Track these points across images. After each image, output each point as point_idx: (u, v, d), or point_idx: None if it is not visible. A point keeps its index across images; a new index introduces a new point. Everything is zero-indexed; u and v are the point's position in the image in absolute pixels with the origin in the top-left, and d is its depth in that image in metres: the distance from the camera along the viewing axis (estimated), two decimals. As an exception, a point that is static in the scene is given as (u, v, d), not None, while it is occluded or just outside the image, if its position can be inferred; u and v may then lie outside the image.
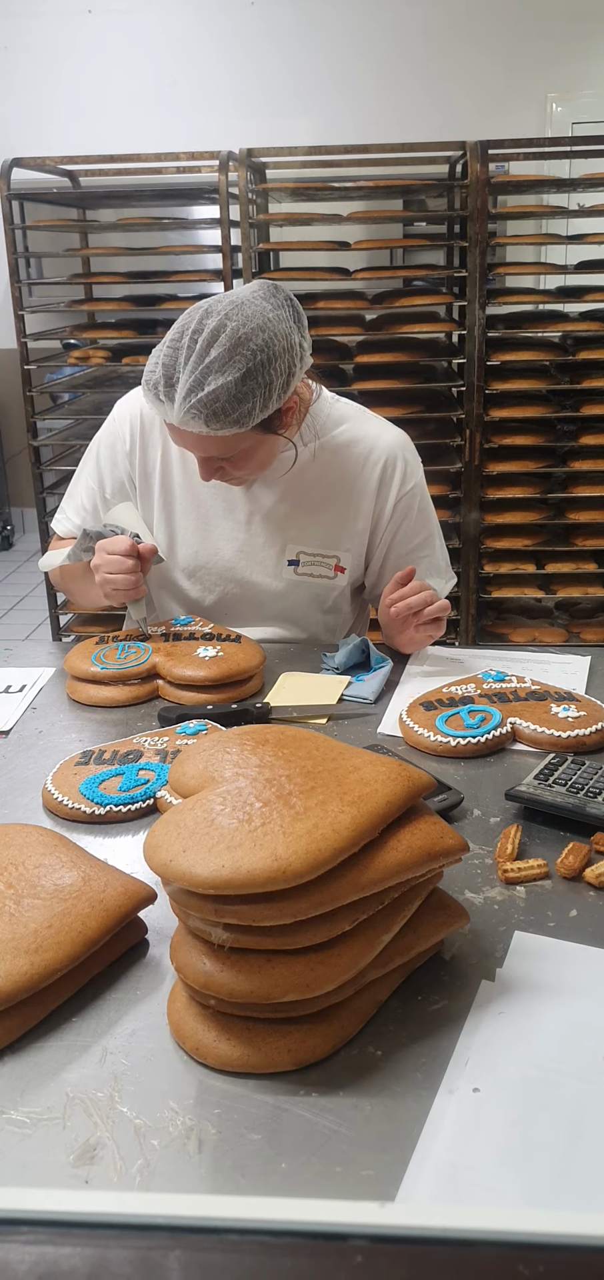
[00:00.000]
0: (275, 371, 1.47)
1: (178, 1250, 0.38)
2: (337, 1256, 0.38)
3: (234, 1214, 0.39)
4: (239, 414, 1.45)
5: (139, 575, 1.62)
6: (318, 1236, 0.38)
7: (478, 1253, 0.37)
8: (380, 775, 0.88)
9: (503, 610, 3.73)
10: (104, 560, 1.61)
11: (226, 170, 3.29)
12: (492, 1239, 0.36)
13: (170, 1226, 0.38)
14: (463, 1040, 0.83)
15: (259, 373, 1.44)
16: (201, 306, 1.48)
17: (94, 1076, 0.81)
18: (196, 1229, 0.39)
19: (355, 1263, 0.37)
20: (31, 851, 0.98)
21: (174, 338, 1.47)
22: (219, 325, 1.44)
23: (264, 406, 1.48)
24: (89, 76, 5.50)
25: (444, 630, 1.63)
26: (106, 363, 3.66)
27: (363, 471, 1.72)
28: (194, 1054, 0.83)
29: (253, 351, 1.44)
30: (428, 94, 5.30)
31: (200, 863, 0.78)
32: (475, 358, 3.37)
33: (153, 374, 1.48)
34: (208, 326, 1.44)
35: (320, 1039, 0.82)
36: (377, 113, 5.25)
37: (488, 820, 1.17)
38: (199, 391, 1.43)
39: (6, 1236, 0.39)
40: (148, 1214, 0.39)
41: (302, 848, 0.78)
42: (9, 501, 6.35)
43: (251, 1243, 0.38)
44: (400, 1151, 0.73)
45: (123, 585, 1.61)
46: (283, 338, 1.49)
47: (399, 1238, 0.37)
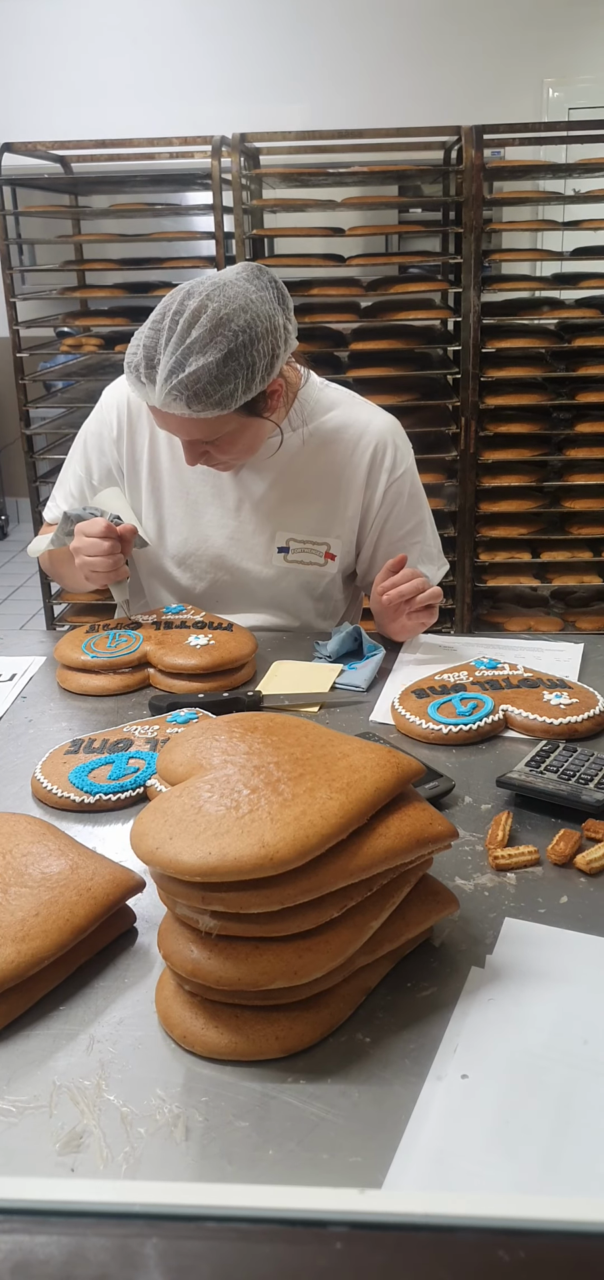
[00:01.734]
0: (258, 353, 1.46)
1: (155, 1238, 0.38)
2: (316, 1243, 0.37)
3: (211, 1201, 0.38)
4: (221, 395, 1.44)
5: (118, 556, 1.61)
6: (296, 1223, 0.38)
7: (458, 1238, 0.37)
8: (369, 762, 0.88)
9: (498, 599, 3.72)
10: (82, 543, 1.60)
11: (219, 155, 3.27)
12: (472, 1224, 0.36)
13: (147, 1214, 0.38)
14: (452, 1027, 0.83)
15: (241, 353, 1.43)
16: (183, 288, 1.47)
17: (81, 1065, 0.81)
18: (173, 1216, 0.38)
19: (335, 1249, 0.37)
20: (19, 840, 0.98)
21: (155, 319, 1.47)
22: (200, 306, 1.43)
23: (247, 388, 1.47)
24: (81, 61, 5.46)
25: (437, 618, 1.63)
26: (99, 350, 3.64)
27: (352, 457, 1.71)
28: (181, 1042, 0.82)
29: (235, 332, 1.43)
30: (423, 79, 5.28)
31: (187, 850, 0.77)
32: (471, 345, 3.35)
33: (134, 356, 1.47)
34: (189, 307, 1.43)
35: (308, 1026, 0.81)
36: (371, 97, 5.22)
37: (479, 807, 1.17)
38: (180, 373, 1.42)
39: (-19, 1226, 0.39)
40: (124, 1201, 0.38)
41: (289, 834, 0.77)
42: (3, 491, 6.33)
43: (229, 1229, 0.38)
44: (389, 1138, 0.73)
45: (101, 567, 1.60)
46: (266, 319, 1.47)
47: (379, 1224, 0.37)
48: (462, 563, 3.53)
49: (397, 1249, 0.37)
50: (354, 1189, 0.40)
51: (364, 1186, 0.67)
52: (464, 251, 3.31)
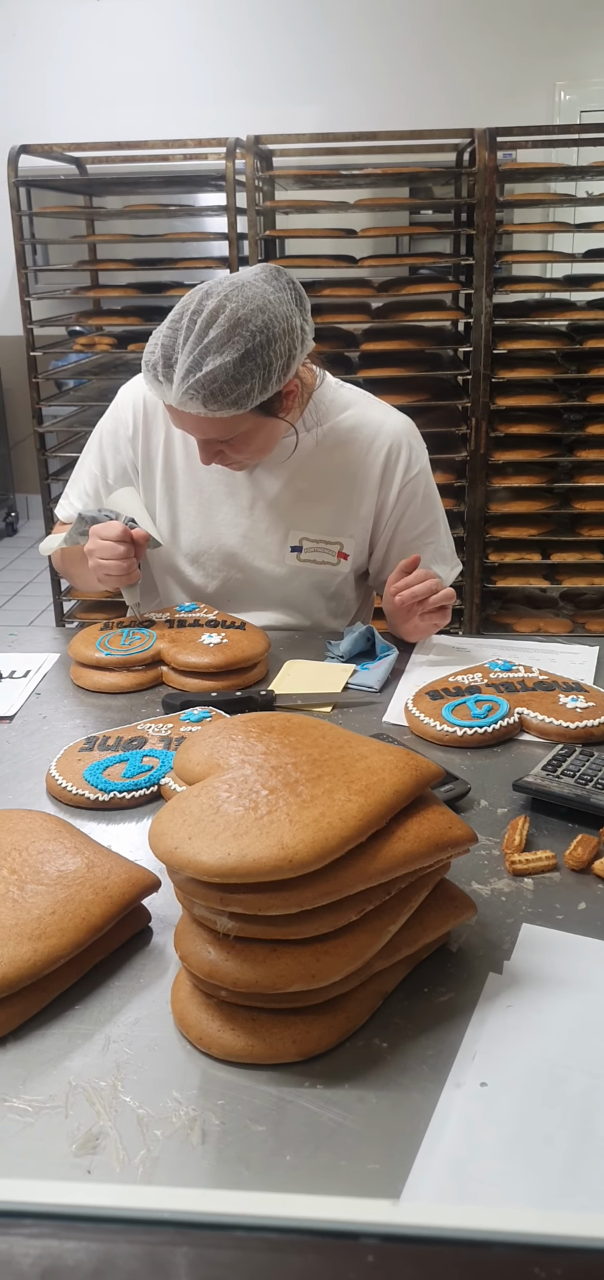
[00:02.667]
0: (275, 353, 1.45)
1: (185, 1246, 0.37)
2: (347, 1255, 0.37)
3: (242, 1210, 0.38)
4: (237, 395, 1.44)
5: (131, 561, 1.60)
6: (328, 1235, 0.37)
7: (493, 1254, 0.36)
8: (388, 764, 0.87)
9: (507, 600, 3.71)
10: (97, 545, 1.60)
11: (234, 157, 3.27)
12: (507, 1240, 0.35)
13: (177, 1222, 0.37)
14: (470, 1033, 0.82)
15: (258, 354, 1.43)
16: (202, 288, 1.47)
17: (97, 1065, 0.80)
18: (204, 1224, 0.38)
19: (366, 1262, 0.36)
20: (35, 837, 0.97)
21: (174, 319, 1.46)
22: (218, 306, 1.42)
23: (263, 388, 1.46)
24: (97, 63, 5.47)
25: (450, 618, 1.62)
26: (112, 349, 3.64)
27: (367, 457, 1.71)
28: (198, 1044, 0.82)
29: (252, 332, 1.42)
30: (436, 81, 5.27)
31: (206, 850, 0.77)
32: (482, 346, 3.35)
33: (152, 355, 1.47)
34: (207, 307, 1.43)
35: (325, 1030, 0.81)
36: (384, 100, 5.21)
37: (495, 811, 1.16)
38: (197, 372, 1.41)
39: (9, 1229, 0.38)
40: (156, 1209, 0.38)
41: (308, 836, 0.77)
42: (14, 488, 6.33)
43: (259, 1239, 0.37)
44: (407, 1146, 0.72)
45: (115, 570, 1.60)
46: (283, 320, 1.47)
47: (412, 1237, 0.36)
48: (471, 563, 3.52)
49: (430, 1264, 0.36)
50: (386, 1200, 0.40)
51: (383, 1195, 0.66)
52: (476, 253, 3.30)
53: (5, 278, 5.80)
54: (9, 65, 5.58)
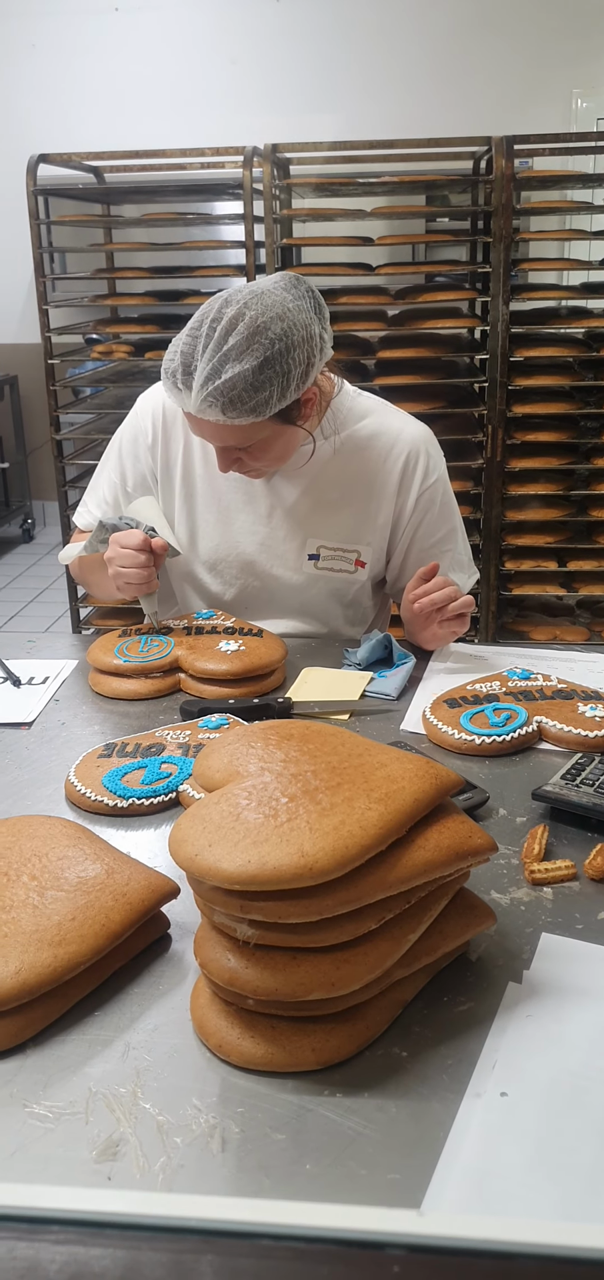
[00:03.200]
0: (293, 361, 1.46)
1: (210, 1254, 0.37)
2: (373, 1266, 0.37)
3: (267, 1219, 0.38)
4: (256, 402, 1.44)
5: (151, 569, 1.61)
6: (353, 1244, 0.37)
7: (518, 1265, 0.36)
8: (408, 772, 0.87)
9: (523, 608, 3.71)
10: (117, 553, 1.61)
11: (251, 165, 3.28)
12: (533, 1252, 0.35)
13: (203, 1230, 0.37)
14: (490, 1043, 0.82)
15: (277, 361, 1.43)
16: (221, 296, 1.47)
17: (116, 1072, 0.81)
18: (230, 1233, 0.38)
19: (392, 1272, 0.36)
20: (55, 843, 0.98)
21: (193, 326, 1.47)
22: (238, 314, 1.43)
23: (282, 396, 1.47)
24: (115, 73, 5.51)
25: (468, 626, 1.62)
26: (129, 357, 3.65)
27: (385, 465, 1.71)
28: (217, 1051, 0.82)
29: (271, 340, 1.43)
30: (452, 89, 5.28)
31: (226, 857, 0.77)
32: (499, 353, 3.34)
33: (171, 362, 1.47)
34: (226, 315, 1.43)
35: (345, 1038, 0.81)
36: (401, 108, 5.23)
37: (514, 820, 1.16)
38: (216, 379, 1.42)
39: (36, 1236, 0.38)
40: (182, 1216, 0.38)
41: (329, 844, 0.77)
42: (30, 495, 6.36)
43: (285, 1249, 0.37)
44: (427, 1155, 0.72)
45: (134, 579, 1.60)
46: (302, 328, 1.47)
47: (437, 1248, 0.36)
48: (487, 571, 3.51)
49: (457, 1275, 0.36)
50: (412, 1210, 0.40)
51: (403, 1204, 0.66)
52: (493, 260, 3.30)
53: (23, 286, 5.83)
54: (29, 76, 5.63)
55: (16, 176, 3.57)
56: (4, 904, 0.90)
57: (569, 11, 5.22)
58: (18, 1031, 0.83)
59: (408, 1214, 0.39)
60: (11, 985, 0.82)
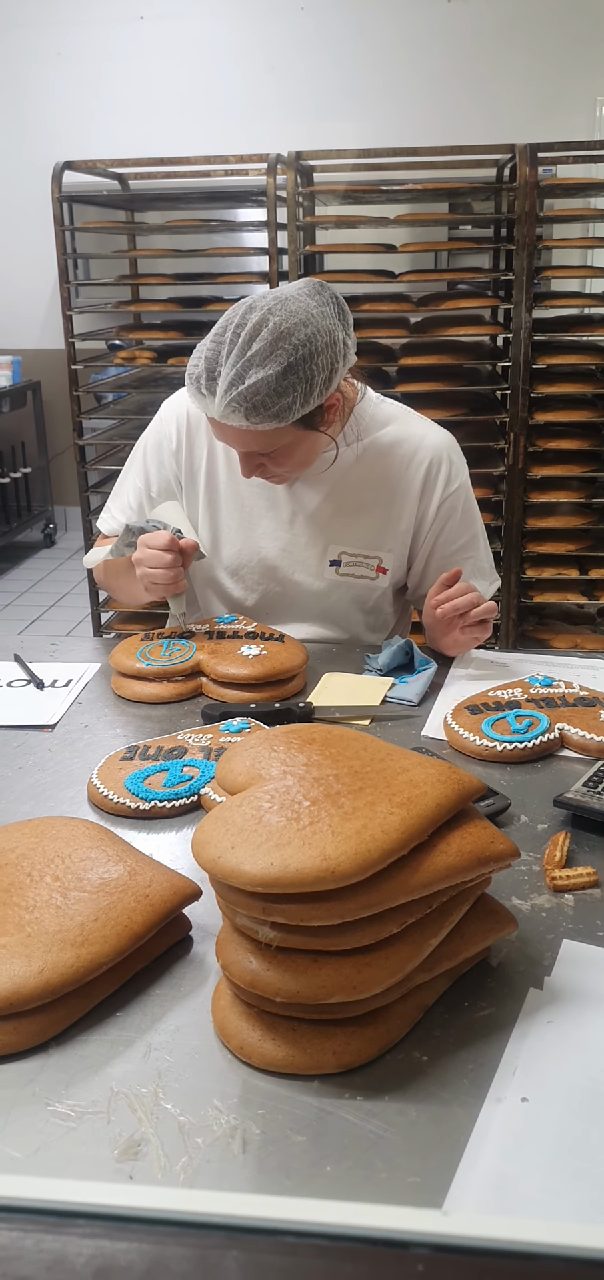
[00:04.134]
0: (317, 367, 1.46)
1: (235, 1250, 0.37)
2: (397, 1264, 0.37)
3: (292, 1216, 0.38)
4: (279, 408, 1.45)
5: (179, 570, 1.62)
6: (378, 1243, 0.37)
7: (542, 1267, 0.36)
8: (430, 777, 0.87)
9: (544, 615, 3.69)
10: (145, 555, 1.62)
11: (275, 173, 3.29)
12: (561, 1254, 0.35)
13: (228, 1226, 0.38)
14: (511, 1048, 0.82)
15: (300, 367, 1.44)
16: (246, 302, 1.48)
17: (138, 1072, 0.81)
18: (255, 1229, 0.38)
19: (416, 1271, 0.37)
20: (78, 845, 0.99)
21: (217, 332, 1.48)
22: (262, 320, 1.44)
23: (305, 402, 1.47)
24: (140, 81, 5.55)
25: (490, 633, 1.62)
26: (152, 363, 3.67)
27: (407, 471, 1.71)
28: (238, 1053, 0.82)
29: (294, 346, 1.43)
30: (475, 97, 5.28)
31: (249, 860, 0.77)
32: (521, 361, 3.34)
33: (196, 368, 1.48)
34: (251, 321, 1.44)
35: (366, 1042, 0.81)
36: (424, 116, 5.23)
37: (535, 827, 1.16)
38: (240, 385, 1.43)
39: (63, 1229, 0.39)
40: (207, 1212, 0.38)
41: (351, 848, 0.77)
42: (52, 500, 6.40)
43: (310, 1246, 0.38)
44: (448, 1159, 0.72)
45: (163, 580, 1.61)
46: (326, 334, 1.48)
47: (462, 1248, 0.36)
48: (508, 578, 3.51)
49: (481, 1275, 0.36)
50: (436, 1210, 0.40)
51: (424, 1207, 0.66)
52: (516, 268, 3.30)
53: (46, 291, 5.88)
54: (54, 83, 5.67)
55: (42, 183, 3.61)
56: (27, 904, 0.90)
57: (593, 19, 5.22)
58: (41, 1031, 0.84)
59: (433, 1213, 0.40)
60: (35, 985, 0.83)
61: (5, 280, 5.98)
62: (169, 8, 5.46)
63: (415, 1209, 0.40)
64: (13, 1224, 0.39)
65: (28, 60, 5.67)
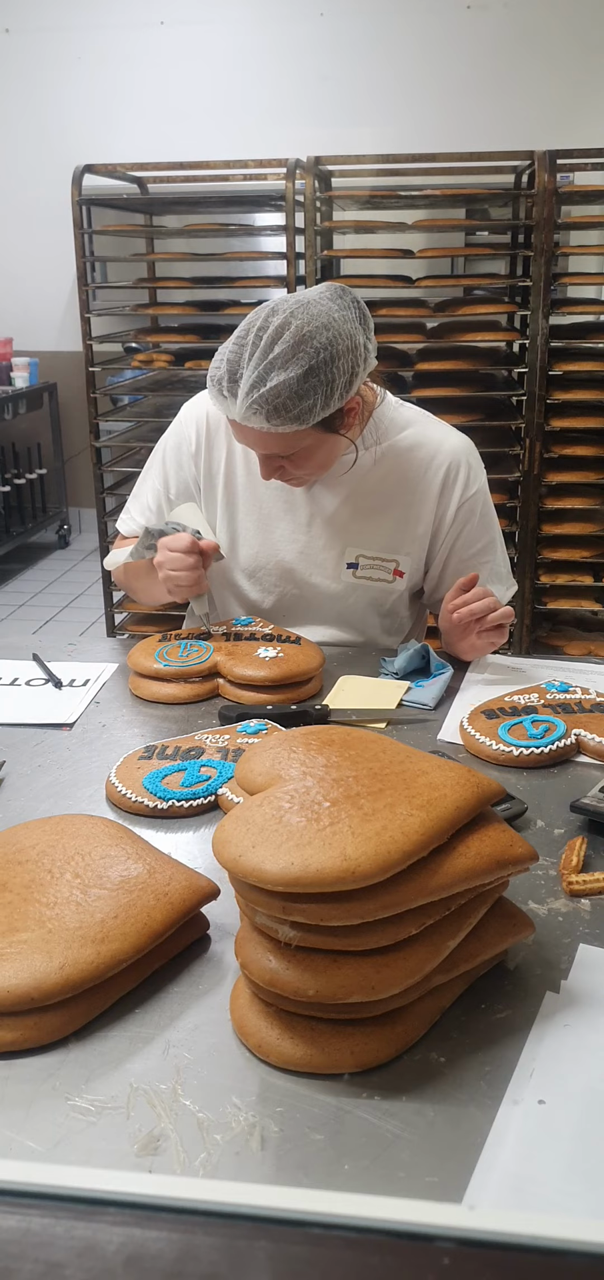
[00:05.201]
0: (338, 370, 1.47)
1: (263, 1240, 0.38)
2: (423, 1257, 0.37)
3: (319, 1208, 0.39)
4: (300, 410, 1.45)
5: (201, 571, 1.63)
6: (404, 1236, 0.38)
7: (568, 1263, 0.36)
8: (449, 780, 0.87)
9: (558, 622, 3.69)
10: (167, 557, 1.62)
11: (293, 178, 3.30)
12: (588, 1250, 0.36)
13: (257, 1217, 0.38)
14: (527, 1051, 0.82)
15: (321, 370, 1.45)
16: (268, 305, 1.49)
17: (157, 1069, 0.82)
18: (282, 1220, 0.38)
19: (442, 1265, 0.37)
20: (98, 842, 0.99)
21: (239, 335, 1.49)
22: (284, 323, 1.45)
23: (325, 405, 1.48)
24: (160, 86, 5.57)
25: (507, 638, 1.62)
26: (169, 367, 3.69)
27: (425, 475, 1.72)
28: (256, 1051, 0.82)
29: (316, 349, 1.44)
30: (494, 103, 5.28)
31: (269, 859, 0.78)
32: (537, 367, 3.34)
33: (217, 370, 1.49)
34: (273, 324, 1.45)
35: (383, 1042, 0.81)
36: (443, 122, 5.24)
37: (552, 831, 1.16)
38: (261, 387, 1.43)
39: (93, 1217, 0.39)
40: (234, 1202, 0.39)
41: (371, 849, 0.77)
42: (67, 501, 6.43)
43: (336, 1238, 0.38)
44: (465, 1160, 0.72)
45: (185, 581, 1.62)
46: (347, 337, 1.49)
47: (489, 1242, 0.37)
48: (522, 584, 3.51)
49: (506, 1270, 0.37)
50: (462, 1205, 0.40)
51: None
52: (533, 274, 3.30)
53: (63, 294, 5.91)
54: (74, 88, 5.70)
55: (60, 186, 3.63)
56: (48, 900, 0.91)
57: (612, 26, 5.21)
58: (61, 1026, 0.84)
59: (458, 1208, 0.40)
60: (55, 980, 0.84)
61: (23, 283, 6.01)
62: (189, 13, 5.49)
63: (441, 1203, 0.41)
64: (44, 1210, 0.40)
65: (48, 65, 5.70)
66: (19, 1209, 0.40)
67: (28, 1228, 0.40)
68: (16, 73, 5.77)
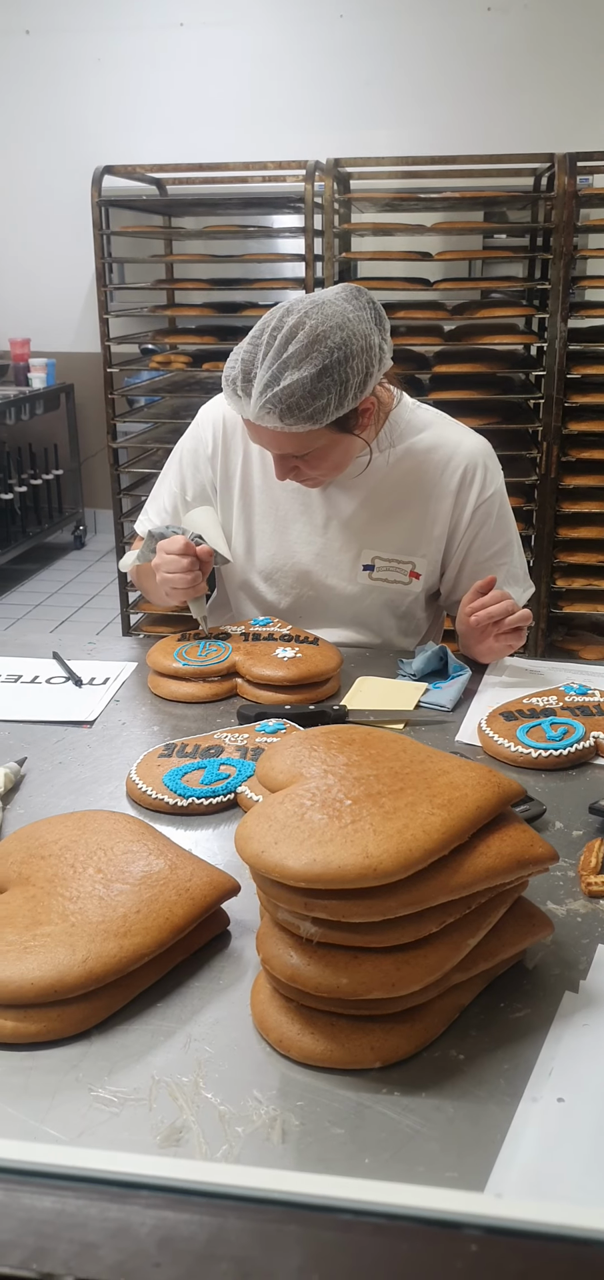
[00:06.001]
0: (352, 370, 1.47)
1: (293, 1225, 0.38)
2: (450, 1244, 0.38)
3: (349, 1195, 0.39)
4: (313, 410, 1.46)
5: (196, 574, 1.63)
6: (432, 1223, 0.38)
7: (595, 1253, 0.37)
8: (470, 780, 0.88)
9: (573, 626, 3.68)
10: (162, 559, 1.64)
11: (313, 180, 3.31)
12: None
13: (286, 1202, 0.39)
14: (546, 1050, 0.83)
15: (335, 370, 1.45)
16: (283, 305, 1.50)
17: (179, 1062, 0.83)
18: (311, 1205, 0.39)
19: (469, 1252, 0.38)
20: (120, 838, 1.00)
21: (254, 335, 1.50)
22: (298, 323, 1.45)
23: (339, 404, 1.48)
24: (179, 87, 5.59)
25: (524, 640, 1.62)
26: (186, 368, 3.70)
27: (442, 477, 1.72)
28: (277, 1046, 0.83)
29: (330, 349, 1.45)
30: (513, 106, 5.27)
31: (292, 855, 0.79)
32: (555, 370, 3.34)
33: (232, 370, 1.50)
34: (287, 324, 1.46)
35: (403, 1039, 0.82)
36: (462, 124, 5.24)
37: (570, 833, 1.16)
38: (275, 386, 1.44)
39: (127, 1199, 0.40)
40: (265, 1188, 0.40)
41: (393, 847, 0.78)
42: (83, 502, 6.45)
43: (366, 1224, 0.39)
44: (484, 1156, 0.73)
45: (180, 584, 1.63)
46: (361, 338, 1.49)
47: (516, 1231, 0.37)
48: (538, 588, 3.50)
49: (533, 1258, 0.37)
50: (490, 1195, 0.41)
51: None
52: (552, 277, 3.30)
53: (81, 295, 5.93)
54: (94, 89, 5.73)
55: (79, 187, 3.65)
56: (71, 895, 0.92)
57: (632, 28, 5.20)
58: (84, 1019, 0.85)
59: (487, 1197, 0.41)
60: (79, 974, 0.85)
61: (41, 284, 6.04)
62: (208, 15, 5.50)
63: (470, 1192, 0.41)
64: (78, 1193, 0.40)
65: (68, 66, 5.73)
66: (53, 1191, 0.41)
67: (62, 1209, 0.41)
68: (36, 74, 5.80)
